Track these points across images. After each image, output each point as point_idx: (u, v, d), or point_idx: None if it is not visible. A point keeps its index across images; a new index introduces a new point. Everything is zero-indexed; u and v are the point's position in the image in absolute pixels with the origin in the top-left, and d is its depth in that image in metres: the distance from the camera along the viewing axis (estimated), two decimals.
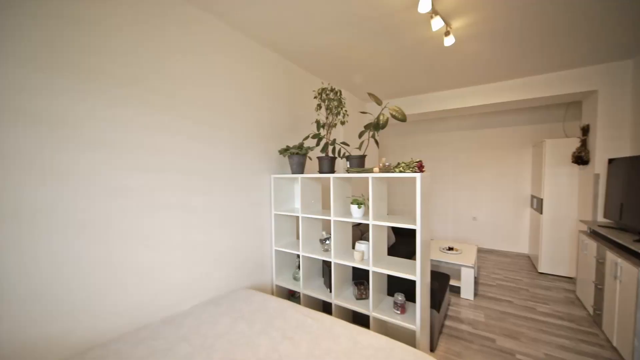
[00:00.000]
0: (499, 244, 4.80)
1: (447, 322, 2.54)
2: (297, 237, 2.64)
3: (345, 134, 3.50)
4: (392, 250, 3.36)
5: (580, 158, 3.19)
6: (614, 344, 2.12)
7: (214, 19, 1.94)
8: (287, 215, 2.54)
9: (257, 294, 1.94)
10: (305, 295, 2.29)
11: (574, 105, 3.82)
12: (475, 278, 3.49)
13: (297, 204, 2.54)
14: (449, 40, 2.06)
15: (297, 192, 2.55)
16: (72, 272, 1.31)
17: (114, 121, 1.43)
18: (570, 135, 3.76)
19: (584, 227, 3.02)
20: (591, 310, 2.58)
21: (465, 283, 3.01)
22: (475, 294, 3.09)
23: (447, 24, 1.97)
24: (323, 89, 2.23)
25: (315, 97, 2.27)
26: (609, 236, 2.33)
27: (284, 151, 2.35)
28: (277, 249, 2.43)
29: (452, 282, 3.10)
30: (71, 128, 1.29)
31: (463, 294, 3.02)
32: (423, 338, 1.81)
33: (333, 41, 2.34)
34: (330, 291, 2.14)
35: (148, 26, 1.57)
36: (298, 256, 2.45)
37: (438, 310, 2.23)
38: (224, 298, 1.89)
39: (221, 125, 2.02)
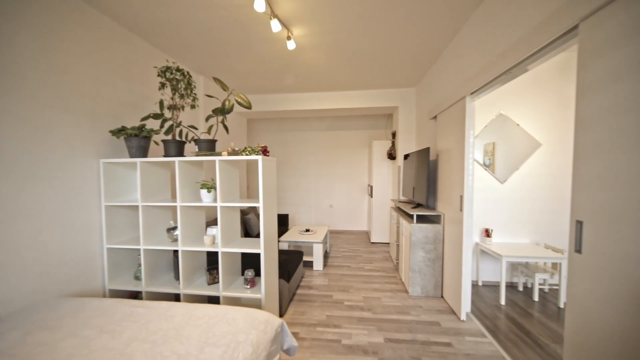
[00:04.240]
0: (349, 225, 5.90)
1: (299, 291, 2.93)
2: None
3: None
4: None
5: (391, 155, 4.40)
6: (402, 280, 3.08)
7: None
8: (124, 206, 2.21)
9: (73, 300, 1.60)
10: (149, 293, 2.07)
11: (390, 116, 5.20)
12: (326, 252, 4.17)
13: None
14: (290, 45, 2.38)
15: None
16: None
17: None
18: (388, 138, 5.09)
19: (393, 204, 4.19)
20: (395, 262, 3.62)
21: (317, 257, 3.54)
22: (325, 265, 3.70)
23: (287, 29, 2.27)
24: (167, 68, 2.07)
25: (158, 75, 2.08)
26: (401, 207, 3.35)
27: (118, 132, 2.03)
28: (111, 246, 2.08)
29: (309, 258, 3.58)
30: None
31: (315, 267, 3.54)
32: (269, 305, 2.02)
33: (181, 20, 2.22)
34: (180, 282, 2.04)
35: None
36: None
37: (288, 280, 2.54)
38: (17, 313, 1.46)
39: (9, 90, 1.54)
